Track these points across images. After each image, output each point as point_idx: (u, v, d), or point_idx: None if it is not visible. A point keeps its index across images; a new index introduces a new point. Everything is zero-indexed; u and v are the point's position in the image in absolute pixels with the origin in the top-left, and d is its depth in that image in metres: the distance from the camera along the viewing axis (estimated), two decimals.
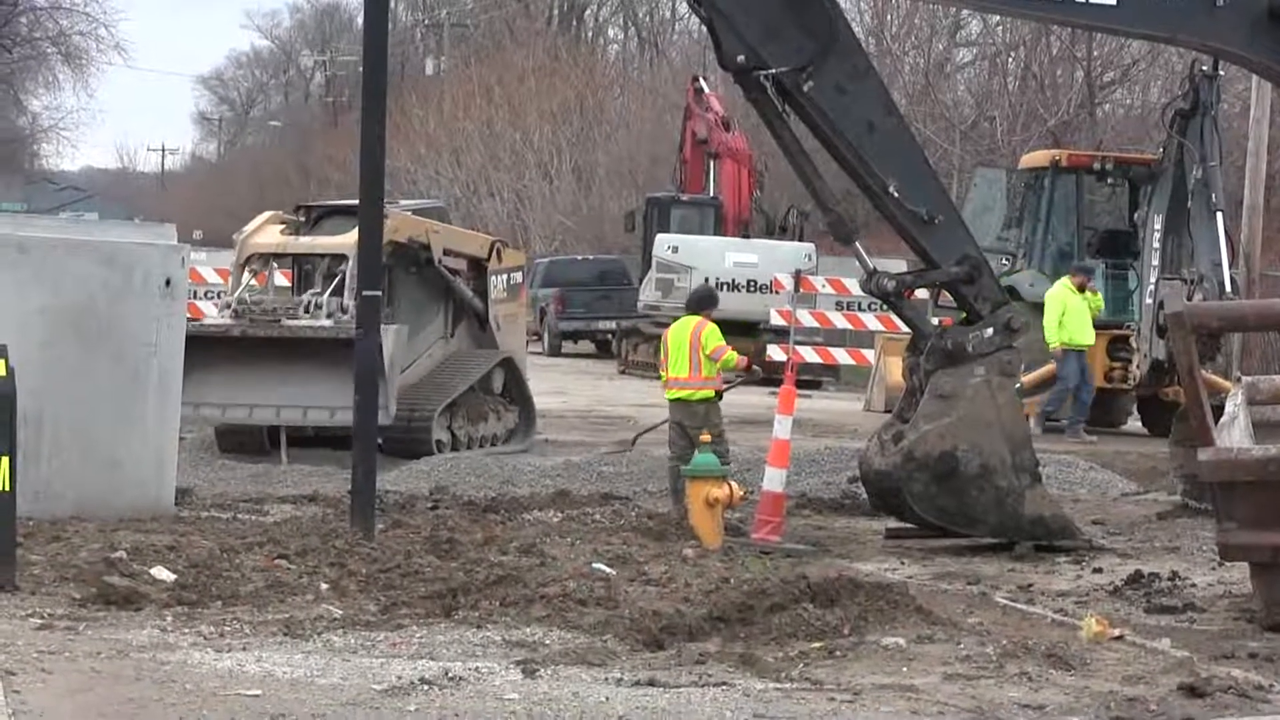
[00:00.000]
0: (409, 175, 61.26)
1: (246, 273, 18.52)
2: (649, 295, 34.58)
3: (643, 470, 17.13)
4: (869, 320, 28.61)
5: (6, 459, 10.43)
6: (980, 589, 12.26)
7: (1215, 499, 10.73)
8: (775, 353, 28.12)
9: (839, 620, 9.96)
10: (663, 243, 34.59)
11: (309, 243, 18.52)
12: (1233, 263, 22.00)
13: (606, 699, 8.38)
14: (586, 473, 17.32)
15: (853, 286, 25.88)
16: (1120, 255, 24.40)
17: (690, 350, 14.79)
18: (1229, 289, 20.86)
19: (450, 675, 8.64)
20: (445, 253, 19.64)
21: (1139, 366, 22.99)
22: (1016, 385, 14.32)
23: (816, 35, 13.73)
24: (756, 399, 22.53)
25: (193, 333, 14.72)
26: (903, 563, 13.47)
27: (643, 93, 60.20)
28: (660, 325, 32.20)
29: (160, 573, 10.76)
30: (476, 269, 20.37)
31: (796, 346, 28.53)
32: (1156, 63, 41.52)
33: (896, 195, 13.83)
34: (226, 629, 9.64)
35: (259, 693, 8.27)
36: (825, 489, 16.77)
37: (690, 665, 9.12)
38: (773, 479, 14.11)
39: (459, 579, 10.83)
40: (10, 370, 10.58)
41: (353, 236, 15.42)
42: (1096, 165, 24.81)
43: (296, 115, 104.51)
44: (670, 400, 15.08)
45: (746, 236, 36.53)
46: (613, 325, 39.85)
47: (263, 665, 8.84)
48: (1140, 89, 43.98)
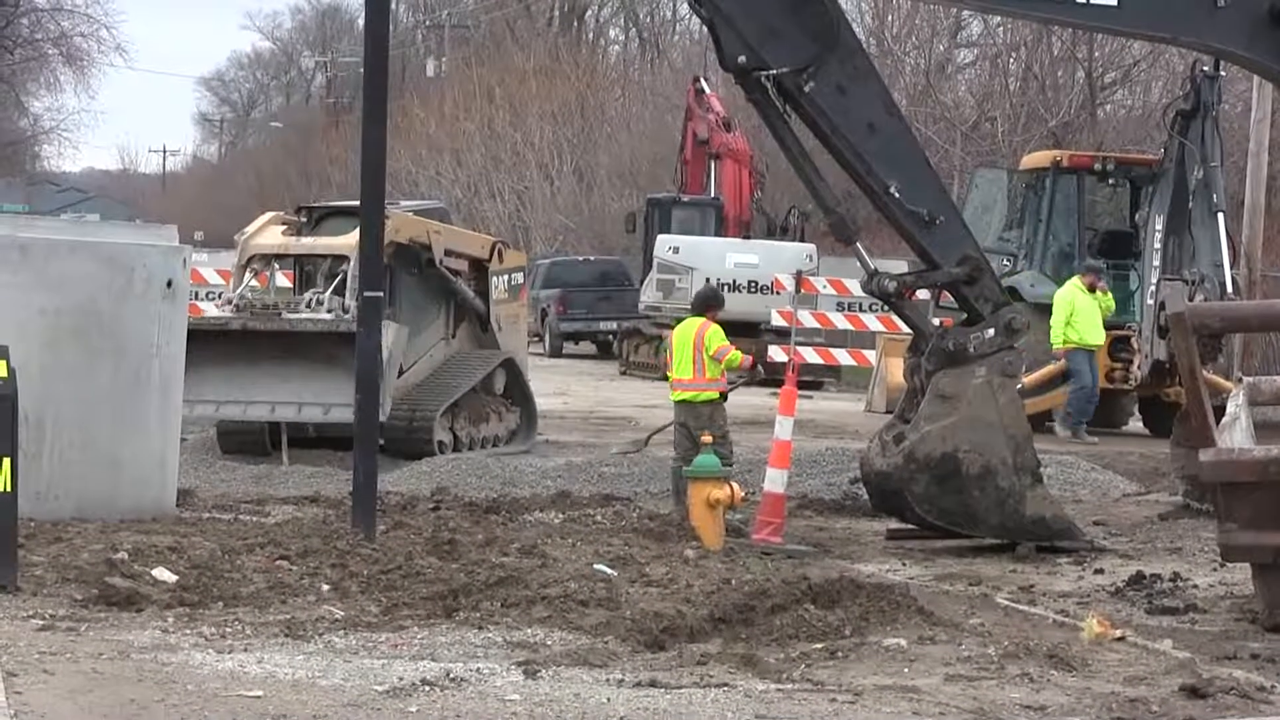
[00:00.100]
0: (410, 176, 61.29)
1: (248, 273, 18.52)
2: (650, 296, 34.58)
3: (644, 471, 17.12)
4: (870, 321, 28.59)
5: (8, 460, 10.42)
6: (982, 590, 12.27)
7: (1217, 500, 10.72)
8: (776, 353, 28.09)
9: (840, 621, 9.96)
10: (664, 244, 34.58)
11: (310, 243, 18.52)
12: (1234, 263, 21.96)
13: (608, 700, 8.38)
14: (588, 474, 17.31)
15: (854, 287, 25.83)
16: (1121, 256, 24.37)
17: (694, 351, 14.77)
18: (1230, 290, 20.86)
19: (452, 676, 8.64)
20: (446, 253, 19.64)
21: (1140, 367, 22.97)
22: (1018, 386, 14.33)
23: (817, 36, 13.73)
24: (758, 400, 22.53)
25: (192, 326, 14.63)
26: (904, 564, 13.47)
27: (643, 94, 60.16)
28: (661, 326, 32.29)
29: (162, 574, 10.75)
30: (478, 270, 20.37)
31: (797, 347, 28.49)
32: (1158, 63, 41.51)
33: (897, 196, 13.82)
34: (228, 630, 9.63)
35: (260, 694, 8.27)
36: (826, 490, 16.77)
37: (691, 666, 9.11)
38: (774, 480, 14.10)
39: (460, 580, 10.81)
40: (12, 371, 10.57)
41: (354, 237, 15.41)
42: (1098, 166, 24.76)
43: (297, 116, 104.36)
44: (675, 402, 15.07)
45: (747, 237, 36.53)
46: (614, 326, 39.87)
47: (264, 666, 8.84)
48: (1141, 90, 43.98)
